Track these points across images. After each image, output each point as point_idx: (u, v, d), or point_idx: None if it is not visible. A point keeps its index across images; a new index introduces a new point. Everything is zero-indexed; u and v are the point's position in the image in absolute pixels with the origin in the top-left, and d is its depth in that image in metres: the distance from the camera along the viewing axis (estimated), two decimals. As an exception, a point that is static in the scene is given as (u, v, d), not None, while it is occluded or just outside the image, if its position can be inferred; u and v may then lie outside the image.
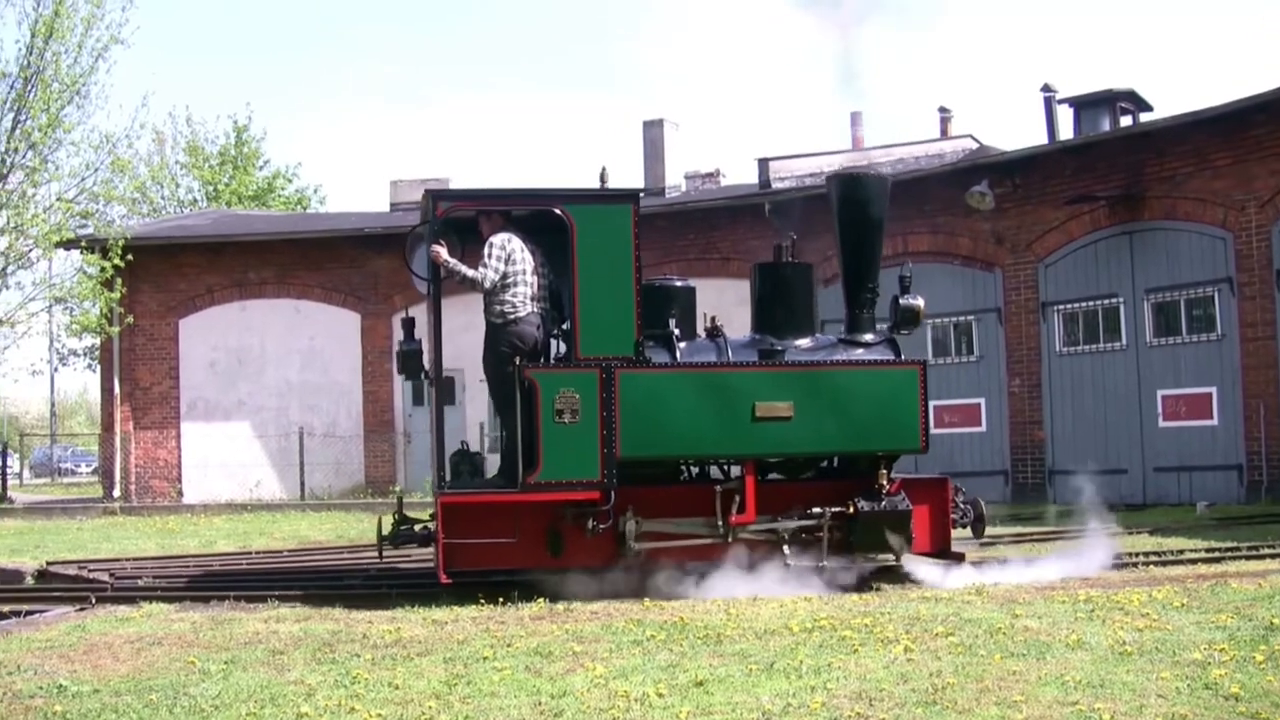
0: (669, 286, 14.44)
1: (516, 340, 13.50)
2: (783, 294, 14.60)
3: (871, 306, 14.74)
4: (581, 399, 13.16)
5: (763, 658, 9.53)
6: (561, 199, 13.71)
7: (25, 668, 9.98)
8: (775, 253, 14.80)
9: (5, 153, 34.50)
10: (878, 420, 13.76)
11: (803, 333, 14.45)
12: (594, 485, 13.17)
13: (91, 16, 34.93)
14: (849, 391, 13.77)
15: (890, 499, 13.73)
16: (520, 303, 13.51)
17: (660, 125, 36.79)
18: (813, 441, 13.80)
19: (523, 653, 10.03)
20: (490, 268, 13.41)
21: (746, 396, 13.51)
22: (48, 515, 31.49)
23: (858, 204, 14.74)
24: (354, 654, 10.25)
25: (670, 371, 13.55)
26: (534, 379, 13.18)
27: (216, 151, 59.61)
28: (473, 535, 13.33)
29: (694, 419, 13.42)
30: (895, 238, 29.21)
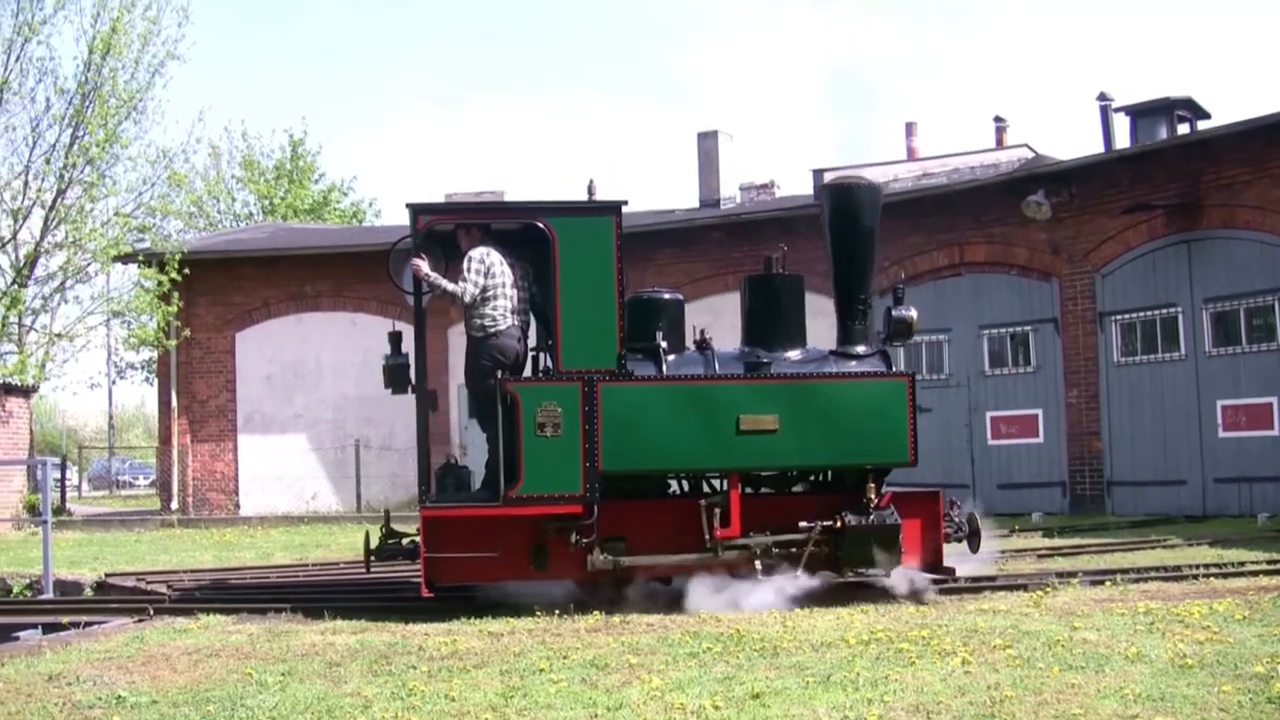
0: (656, 299, 14.29)
1: (497, 353, 13.52)
2: (773, 306, 14.44)
3: (864, 318, 14.59)
4: (563, 412, 13.12)
5: (819, 670, 9.49)
6: (543, 211, 13.71)
7: (84, 678, 10.03)
8: (765, 264, 14.60)
9: (63, 168, 34.78)
10: (866, 433, 13.60)
11: (793, 345, 14.28)
12: (576, 499, 13.13)
13: (148, 33, 35.25)
14: (836, 404, 13.62)
15: (879, 513, 13.56)
16: (500, 316, 13.53)
17: (715, 137, 36.76)
18: (799, 455, 13.68)
19: (579, 665, 10.02)
20: (470, 281, 13.44)
21: (730, 409, 13.39)
22: (106, 527, 31.68)
23: (849, 215, 14.61)
24: (410, 666, 10.26)
25: (653, 385, 13.46)
26: (515, 392, 13.17)
27: (272, 165, 59.92)
28: (455, 549, 13.35)
29: (677, 432, 13.33)
30: (951, 248, 29.16)
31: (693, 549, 13.44)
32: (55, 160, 34.84)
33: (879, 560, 13.51)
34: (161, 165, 36.85)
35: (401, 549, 13.94)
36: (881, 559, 13.51)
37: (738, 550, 13.48)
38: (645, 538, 13.52)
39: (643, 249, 33.10)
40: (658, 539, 13.53)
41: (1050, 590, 13.71)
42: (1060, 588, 13.89)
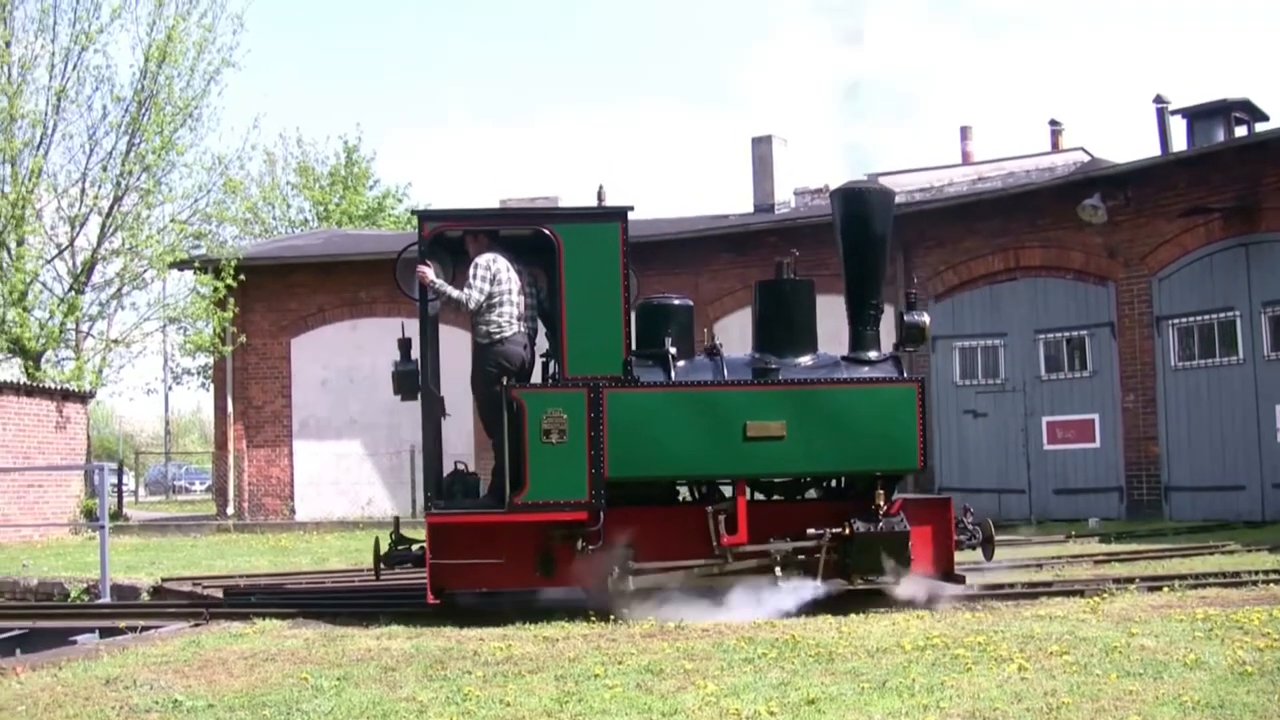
0: (666, 305, 14.26)
1: (503, 360, 13.52)
2: (783, 312, 14.39)
3: (875, 324, 14.51)
4: (569, 419, 13.10)
5: (875, 676, 9.45)
6: (548, 218, 13.75)
7: (141, 682, 10.08)
8: (776, 270, 14.54)
9: (120, 175, 35.07)
10: (874, 439, 13.48)
11: (804, 351, 14.22)
12: (582, 506, 13.10)
13: (203, 40, 35.53)
14: (844, 410, 13.52)
15: (888, 520, 13.42)
16: (506, 322, 13.53)
17: (769, 141, 36.72)
18: (807, 461, 13.59)
19: (634, 670, 10.01)
20: (475, 288, 13.44)
21: (737, 416, 13.33)
22: (162, 532, 31.86)
23: (860, 219, 14.49)
24: (465, 671, 10.26)
25: (659, 391, 13.41)
26: (521, 399, 13.16)
27: (327, 172, 60.19)
28: (461, 556, 13.37)
29: (683, 439, 13.28)
30: (1007, 252, 29.03)
31: (701, 556, 13.41)
32: (112, 168, 35.15)
33: (888, 567, 13.37)
34: (217, 172, 37.17)
35: (411, 555, 13.91)
36: (890, 566, 13.37)
37: (745, 557, 13.43)
38: (653, 545, 13.46)
39: (697, 253, 33.09)
40: (665, 546, 13.48)
41: (1107, 596, 13.61)
42: (1117, 594, 13.79)
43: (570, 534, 13.24)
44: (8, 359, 35.62)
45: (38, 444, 30.38)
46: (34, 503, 29.86)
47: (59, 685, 10.15)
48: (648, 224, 35.67)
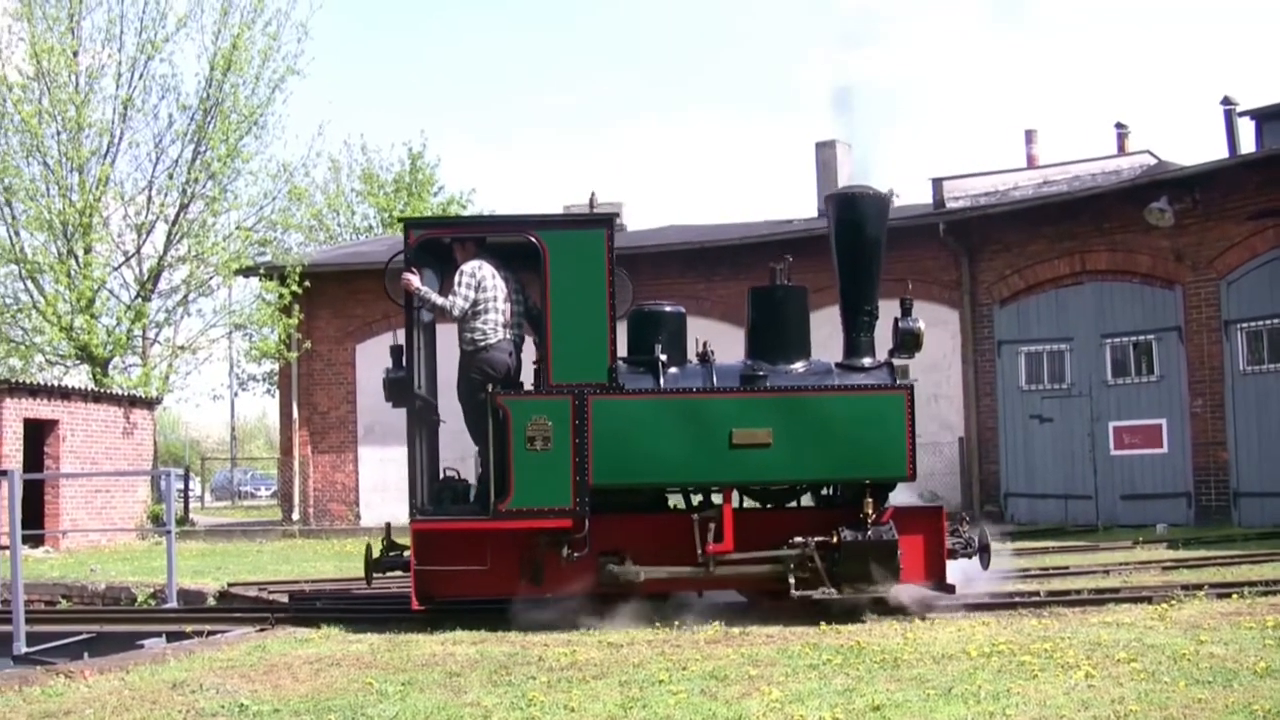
0: (658, 311, 14.11)
1: (487, 367, 13.56)
2: (776, 318, 14.29)
3: (870, 330, 14.37)
4: (554, 426, 13.10)
5: (940, 682, 9.41)
6: (534, 225, 13.69)
7: (207, 686, 10.14)
8: (770, 275, 14.40)
9: (186, 183, 35.32)
10: (862, 447, 13.35)
11: (797, 357, 14.09)
12: (566, 513, 13.09)
13: (268, 49, 35.75)
14: (831, 418, 13.39)
15: (876, 529, 13.32)
16: (491, 330, 13.57)
17: (833, 146, 36.59)
18: (793, 469, 13.48)
19: (698, 676, 10.00)
20: (460, 295, 13.49)
21: (724, 423, 13.25)
22: (228, 537, 32.03)
23: (854, 225, 14.39)
24: (530, 676, 10.27)
25: (644, 398, 13.36)
26: (506, 406, 13.19)
27: (391, 179, 60.41)
28: (447, 562, 13.41)
29: (669, 446, 13.22)
30: (1073, 256, 28.84)
31: (689, 564, 13.36)
32: (178, 175, 35.41)
33: (876, 576, 13.27)
34: (282, 179, 37.38)
35: (401, 561, 13.94)
36: (879, 575, 13.27)
37: (730, 565, 13.39)
38: (641, 552, 13.43)
39: (761, 258, 32.94)
40: (653, 554, 13.45)
41: (1175, 603, 13.50)
42: (1186, 600, 13.67)
43: (556, 541, 13.24)
44: (76, 365, 35.91)
45: (105, 450, 30.60)
46: (101, 508, 30.08)
47: (126, 689, 10.22)
48: (711, 229, 35.65)
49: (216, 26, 35.58)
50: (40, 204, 33.87)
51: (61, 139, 34.03)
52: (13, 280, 35.62)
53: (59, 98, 34.00)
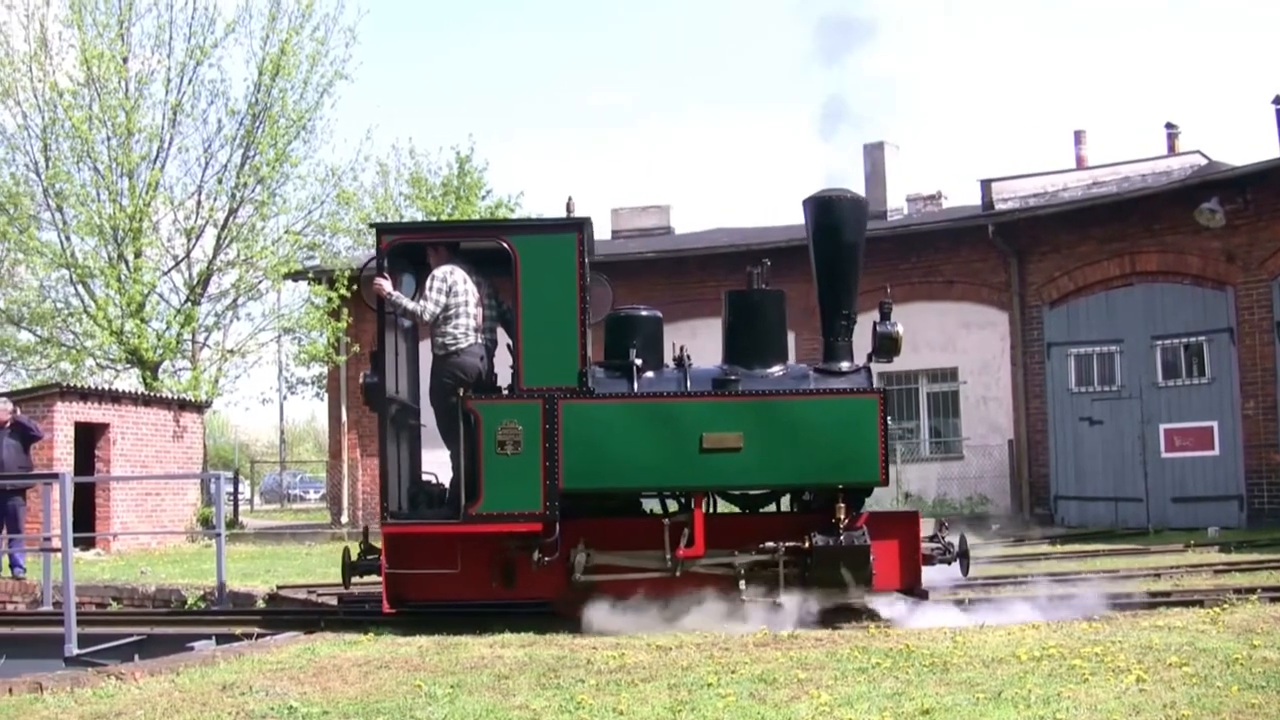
0: (634, 316, 14.13)
1: (458, 371, 13.55)
2: (753, 322, 14.17)
3: (847, 334, 14.24)
4: (524, 430, 13.12)
5: (990, 686, 9.36)
6: (505, 230, 13.88)
7: (257, 689, 10.16)
8: (746, 279, 14.32)
9: (235, 187, 35.50)
10: (834, 452, 13.26)
11: (774, 361, 14.00)
12: (536, 517, 13.09)
13: (316, 54, 35.87)
14: (802, 422, 13.31)
15: (849, 534, 13.23)
16: (462, 334, 13.57)
17: (881, 148, 36.50)
18: (764, 474, 13.43)
19: (747, 679, 9.97)
20: (430, 300, 13.52)
21: (694, 427, 13.20)
22: (277, 540, 32.13)
23: (831, 228, 14.26)
24: (579, 679, 10.26)
25: (614, 402, 13.35)
26: (477, 410, 13.20)
27: (439, 183, 60.48)
28: (419, 566, 13.46)
29: (639, 450, 13.20)
30: (1122, 258, 28.70)
31: (662, 568, 13.38)
32: (227, 180, 35.59)
33: (848, 581, 13.24)
34: (330, 183, 37.49)
35: (379, 564, 13.88)
36: (851, 580, 13.23)
37: (701, 569, 13.38)
38: (614, 556, 13.49)
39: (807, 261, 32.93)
40: (624, 557, 13.50)
41: (1228, 607, 13.37)
42: (1238, 604, 13.55)
43: (526, 545, 13.27)
44: (126, 369, 36.14)
45: (155, 453, 30.75)
46: (152, 511, 30.23)
47: (176, 690, 10.26)
48: (759, 231, 35.56)
49: (265, 32, 35.77)
50: (91, 209, 34.08)
51: (112, 144, 34.24)
52: (64, 285, 35.92)
53: (109, 103, 34.21)
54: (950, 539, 13.96)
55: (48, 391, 28.23)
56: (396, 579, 13.56)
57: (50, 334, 37.06)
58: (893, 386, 32.56)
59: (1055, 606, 13.77)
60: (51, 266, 35.07)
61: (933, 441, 32.98)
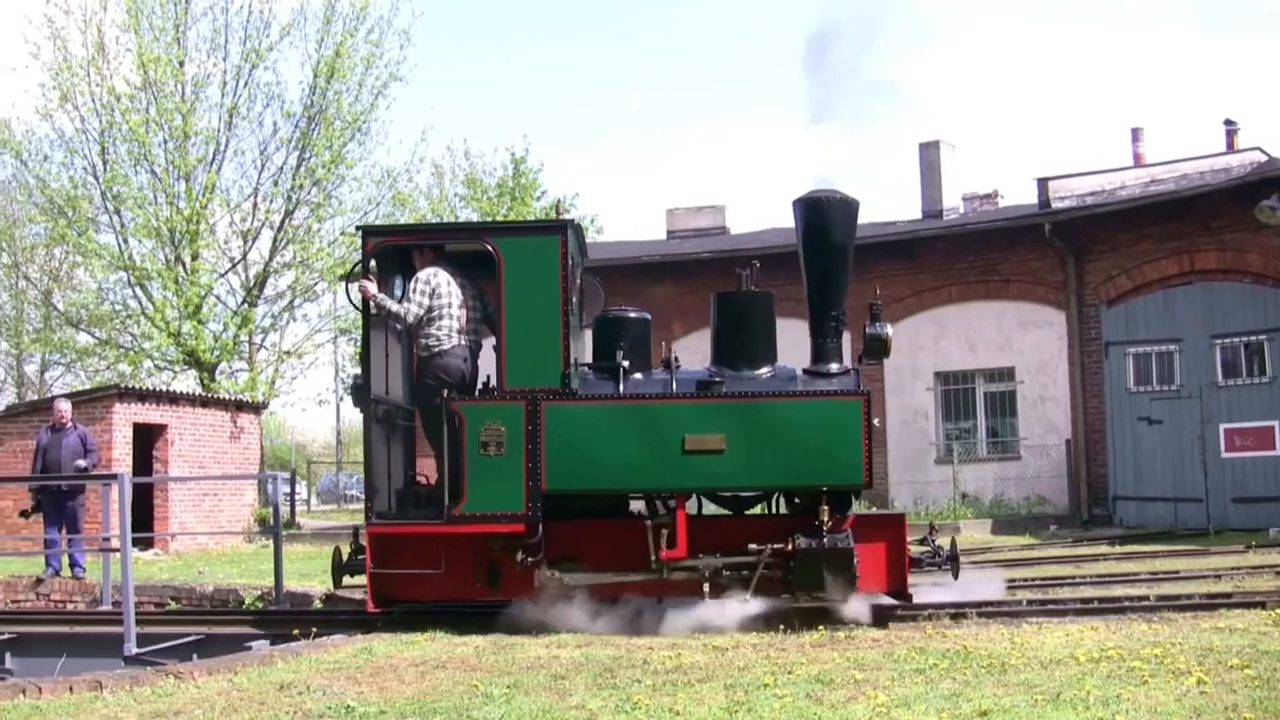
0: (622, 317, 14.16)
1: (441, 372, 13.62)
2: (741, 324, 14.12)
3: (837, 336, 14.11)
4: (507, 431, 13.15)
5: (1048, 688, 9.29)
6: (489, 231, 14.02)
7: (314, 688, 10.19)
8: (736, 281, 14.22)
9: (291, 189, 35.70)
10: (817, 454, 13.21)
11: (762, 363, 13.92)
12: (519, 518, 13.13)
13: (371, 56, 36.04)
14: (785, 424, 13.28)
15: (832, 536, 13.14)
16: (445, 336, 13.65)
17: (936, 147, 36.38)
18: (747, 476, 13.41)
19: (804, 680, 9.94)
20: (414, 302, 13.62)
21: (676, 429, 13.21)
22: (334, 540, 32.11)
23: (820, 229, 14.13)
24: (635, 679, 10.25)
25: (597, 404, 13.39)
26: (460, 411, 13.24)
27: (494, 183, 60.63)
28: (404, 566, 13.52)
29: (621, 452, 13.22)
30: (1181, 256, 28.50)
31: (644, 570, 13.36)
32: (283, 182, 35.82)
33: (831, 585, 13.13)
34: (386, 185, 37.70)
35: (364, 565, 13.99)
36: (834, 583, 13.12)
37: (683, 571, 13.36)
38: (595, 558, 13.49)
39: (865, 260, 32.84)
40: (609, 559, 13.48)
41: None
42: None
43: (510, 546, 13.31)
44: (183, 371, 36.37)
45: (213, 454, 30.91)
46: (209, 511, 30.39)
47: (234, 690, 10.30)
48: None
49: (320, 34, 35.95)
50: (148, 212, 34.36)
51: (168, 147, 34.50)
52: (122, 287, 36.25)
53: (166, 107, 34.47)
54: (941, 542, 13.95)
55: (106, 393, 28.41)
56: (384, 579, 13.69)
57: (109, 336, 37.37)
58: (950, 386, 32.52)
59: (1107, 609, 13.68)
60: (110, 269, 35.38)
61: (990, 442, 32.85)
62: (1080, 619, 12.92)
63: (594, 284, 14.92)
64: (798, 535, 13.18)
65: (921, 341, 32.61)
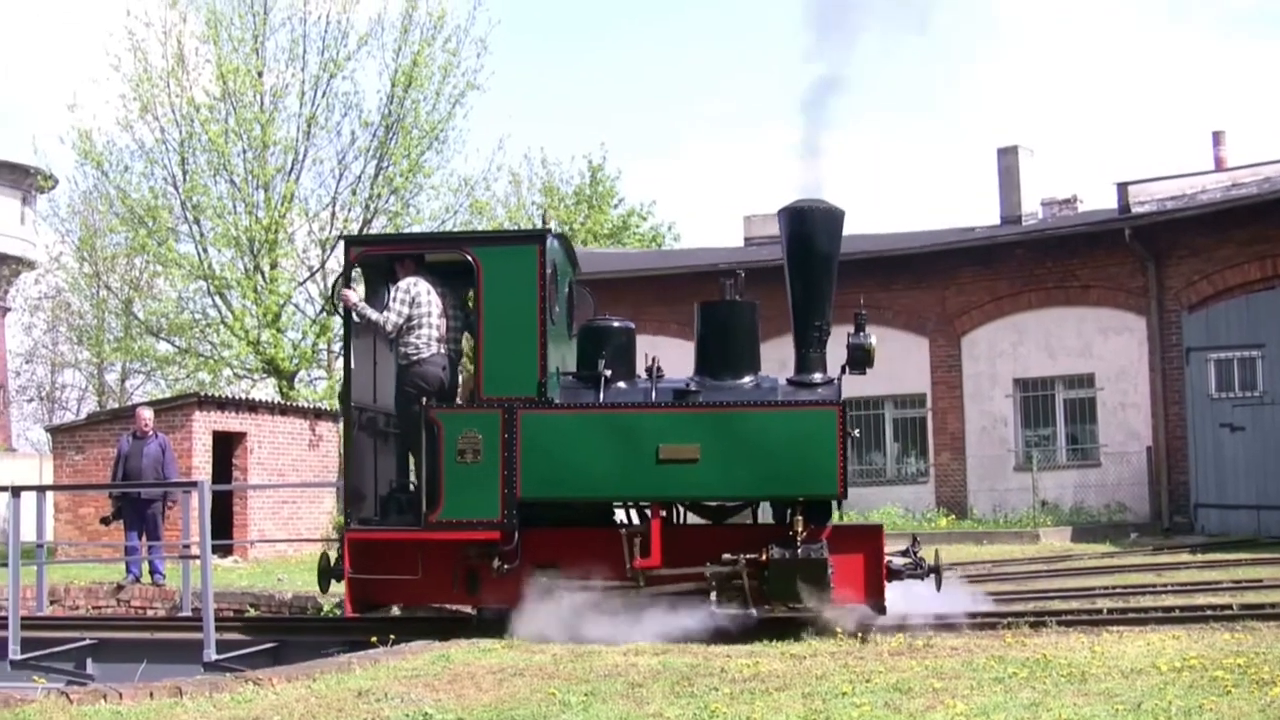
0: (605, 327, 14.26)
1: (420, 380, 13.81)
2: (724, 334, 14.18)
3: (820, 346, 14.06)
4: (484, 439, 13.27)
5: (1129, 698, 9.20)
6: (468, 241, 14.14)
7: (392, 695, 10.22)
8: (720, 290, 14.29)
9: (369, 198, 35.88)
10: (791, 464, 13.18)
11: (744, 373, 13.95)
12: (494, 525, 13.24)
13: (448, 65, 36.12)
14: (759, 434, 13.26)
15: (806, 547, 13.08)
16: (424, 344, 13.84)
17: (1015, 152, 36.18)
18: (721, 485, 13.44)
19: (882, 689, 9.88)
20: (394, 311, 13.81)
21: (651, 438, 13.23)
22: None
23: (804, 239, 14.09)
24: (712, 688, 10.23)
25: (572, 412, 13.52)
26: (438, 419, 13.38)
27: (571, 191, 60.78)
28: (383, 571, 13.71)
29: (596, 460, 13.28)
30: (1264, 260, 28.26)
31: (620, 578, 13.41)
32: (361, 191, 36.00)
33: (806, 595, 13.07)
34: (463, 193, 37.78)
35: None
36: (808, 594, 13.07)
37: (657, 581, 13.38)
38: (571, 565, 13.50)
39: (943, 267, 32.80)
40: (584, 567, 13.48)
41: (1377, 616, 13.10)
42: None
43: (487, 553, 13.42)
44: (263, 379, 36.63)
45: (291, 462, 31.09)
46: (288, 519, 30.55)
47: (313, 696, 10.35)
48: (892, 238, 35.44)
49: (397, 44, 36.08)
50: (227, 221, 34.63)
51: (247, 157, 34.77)
52: (202, 296, 36.55)
53: (245, 117, 34.75)
54: (923, 554, 13.89)
55: (186, 401, 28.65)
56: (365, 584, 13.85)
57: (188, 344, 37.67)
58: (1029, 393, 32.34)
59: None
60: (189, 278, 35.71)
61: (1069, 449, 32.65)
62: (1162, 628, 12.80)
63: (584, 294, 15.13)
64: (772, 545, 13.20)
65: (1000, 348, 32.48)
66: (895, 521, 30.44)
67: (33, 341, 61.61)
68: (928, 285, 32.85)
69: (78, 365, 59.53)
